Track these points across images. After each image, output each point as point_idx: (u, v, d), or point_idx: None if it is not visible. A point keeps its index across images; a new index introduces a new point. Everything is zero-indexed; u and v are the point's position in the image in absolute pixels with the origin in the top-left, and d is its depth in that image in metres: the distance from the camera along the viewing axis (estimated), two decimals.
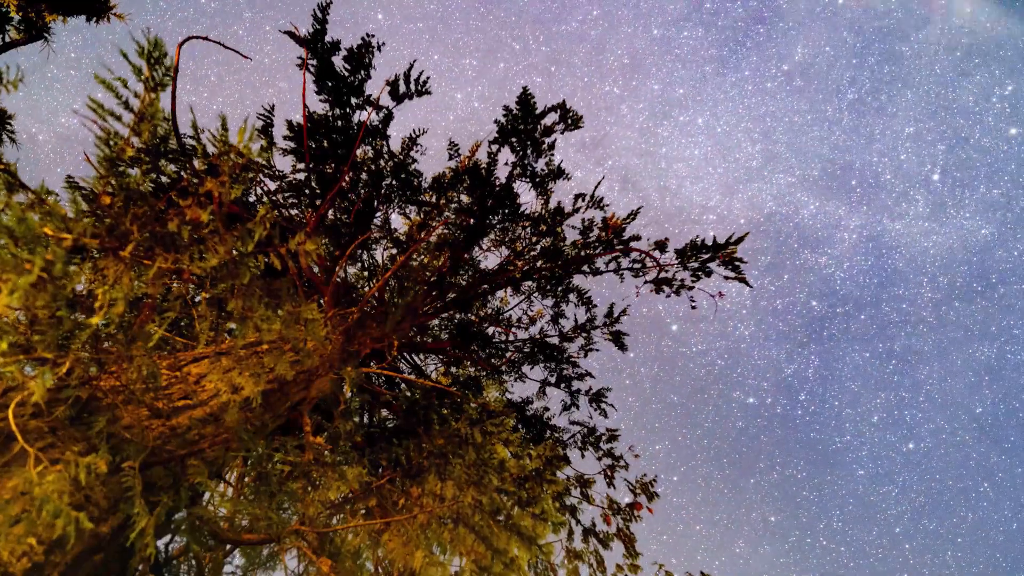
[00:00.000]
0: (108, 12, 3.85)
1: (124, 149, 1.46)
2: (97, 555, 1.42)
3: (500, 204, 5.01)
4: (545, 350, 5.68)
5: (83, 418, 1.57)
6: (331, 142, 4.39)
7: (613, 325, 5.55)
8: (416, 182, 4.95)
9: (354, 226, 4.85)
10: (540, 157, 4.86)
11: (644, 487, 4.76)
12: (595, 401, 5.66)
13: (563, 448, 5.31)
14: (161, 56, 1.46)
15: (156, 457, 1.69)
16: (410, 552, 2.98)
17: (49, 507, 1.22)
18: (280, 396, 2.56)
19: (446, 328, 5.89)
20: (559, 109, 4.61)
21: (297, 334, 2.04)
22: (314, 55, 4.01)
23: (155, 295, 1.62)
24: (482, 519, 3.28)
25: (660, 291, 4.92)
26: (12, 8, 3.48)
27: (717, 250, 4.43)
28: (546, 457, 3.98)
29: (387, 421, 4.84)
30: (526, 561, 3.36)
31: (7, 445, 1.33)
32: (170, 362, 2.16)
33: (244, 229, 1.44)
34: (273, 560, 4.16)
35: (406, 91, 4.32)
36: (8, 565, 1.18)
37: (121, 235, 1.37)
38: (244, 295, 1.62)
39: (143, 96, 1.47)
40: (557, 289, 5.55)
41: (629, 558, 4.29)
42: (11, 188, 1.36)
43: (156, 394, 1.85)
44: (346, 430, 3.17)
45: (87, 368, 1.70)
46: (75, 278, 1.30)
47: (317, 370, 2.93)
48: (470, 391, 5.47)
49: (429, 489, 3.36)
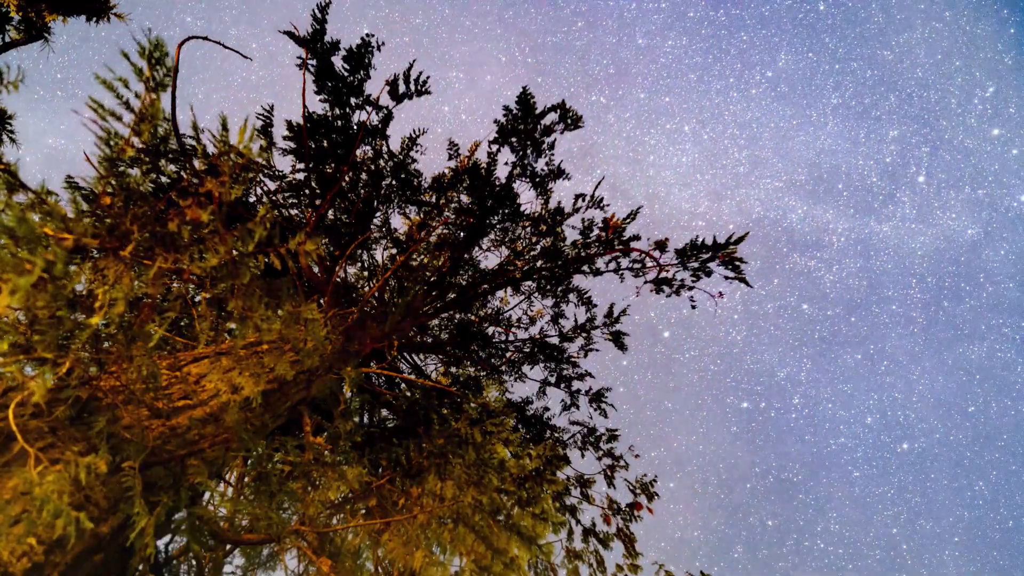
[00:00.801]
0: (108, 12, 3.85)
1: (124, 149, 1.46)
2: (97, 555, 1.42)
3: (500, 204, 5.00)
4: (545, 350, 5.68)
5: (83, 418, 1.57)
6: (331, 142, 4.39)
7: (613, 325, 5.55)
8: (416, 182, 4.95)
9: (354, 226, 4.85)
10: (540, 157, 4.86)
11: (644, 487, 4.76)
12: (595, 401, 5.66)
13: (563, 448, 5.31)
14: (162, 56, 1.46)
15: (156, 457, 1.69)
16: (410, 552, 2.98)
17: (49, 507, 1.22)
18: (280, 396, 2.56)
19: (446, 328, 5.89)
20: (559, 109, 4.61)
21: (297, 334, 2.04)
22: (314, 55, 4.01)
23: (155, 295, 1.62)
24: (482, 519, 3.28)
25: (660, 291, 4.92)
26: (12, 8, 3.48)
27: (717, 250, 4.43)
28: (546, 457, 3.98)
29: (387, 421, 4.84)
30: (526, 561, 3.36)
31: (7, 445, 1.33)
32: (170, 362, 2.16)
33: (244, 229, 1.44)
34: (273, 560, 4.16)
35: (406, 91, 4.32)
36: (8, 565, 1.18)
37: (121, 235, 1.37)
38: (244, 295, 1.62)
39: (143, 96, 1.47)
40: (557, 289, 5.55)
41: (629, 558, 4.29)
42: (11, 188, 1.36)
43: (156, 394, 1.85)
44: (346, 430, 3.17)
45: (87, 368, 1.70)
46: (75, 278, 1.30)
47: (317, 370, 2.93)
48: (470, 391, 5.47)
49: (429, 489, 3.36)
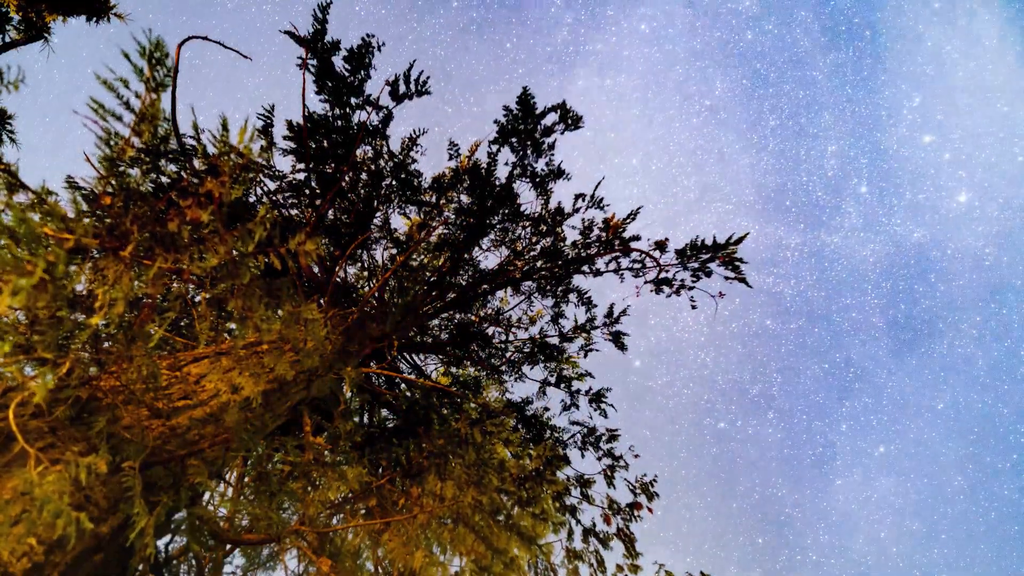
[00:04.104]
0: (108, 12, 3.84)
1: (124, 149, 1.46)
2: (97, 555, 1.42)
3: (500, 204, 5.01)
4: (545, 350, 5.68)
5: (83, 418, 1.57)
6: (331, 142, 4.39)
7: (613, 325, 5.55)
8: (416, 182, 4.95)
9: (354, 226, 4.85)
10: (540, 157, 4.86)
11: (644, 487, 4.76)
12: (595, 401, 5.66)
13: (563, 448, 5.31)
14: (162, 56, 1.46)
15: (156, 457, 1.69)
16: (410, 552, 2.98)
17: (49, 507, 1.22)
18: (280, 396, 2.56)
19: (446, 328, 5.89)
20: (559, 109, 4.61)
21: (297, 334, 2.04)
22: (314, 55, 4.01)
23: (155, 295, 1.62)
24: (482, 519, 3.28)
25: (660, 291, 4.92)
26: (12, 8, 3.48)
27: (717, 250, 4.43)
28: (546, 457, 3.98)
29: (387, 421, 4.84)
30: (526, 561, 3.36)
31: (7, 445, 1.33)
32: (170, 362, 2.16)
33: (244, 229, 1.44)
34: (273, 560, 4.16)
35: (406, 91, 4.31)
36: (8, 565, 1.18)
37: (121, 235, 1.37)
38: (244, 295, 1.62)
39: (144, 96, 1.47)
40: (557, 289, 5.55)
41: (629, 558, 4.29)
42: (12, 188, 1.36)
43: (156, 394, 1.85)
44: (346, 430, 3.17)
45: (87, 368, 1.70)
46: (75, 278, 1.30)
47: (317, 370, 2.93)
48: (470, 391, 5.47)
49: (429, 489, 3.36)
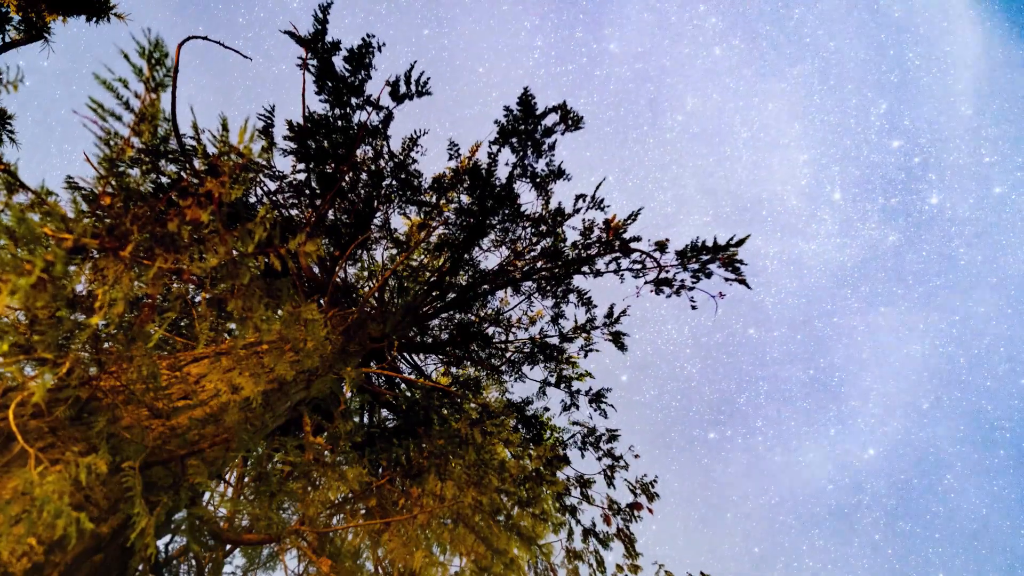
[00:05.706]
0: (108, 12, 3.84)
1: (124, 149, 1.46)
2: (97, 555, 1.42)
3: (500, 204, 5.00)
4: (545, 350, 5.68)
5: (83, 418, 1.57)
6: (331, 142, 4.39)
7: (613, 325, 5.55)
8: (416, 182, 4.95)
9: (354, 226, 4.85)
10: (540, 158, 4.86)
11: (644, 487, 4.76)
12: (595, 401, 5.66)
13: (563, 448, 5.30)
14: (162, 56, 1.46)
15: (156, 457, 1.69)
16: (410, 552, 2.98)
17: (49, 507, 1.22)
18: (280, 396, 2.56)
19: (446, 328, 5.89)
20: (559, 110, 4.61)
21: (297, 334, 2.04)
22: (314, 55, 4.01)
23: (155, 295, 1.62)
24: (482, 519, 3.28)
25: (660, 291, 4.92)
26: (12, 8, 3.48)
27: (717, 252, 4.43)
28: (546, 457, 3.98)
29: (387, 421, 4.84)
30: (526, 561, 3.36)
31: (7, 445, 1.33)
32: (170, 362, 2.16)
33: (244, 229, 1.44)
34: (273, 560, 4.16)
35: (406, 91, 4.31)
36: (8, 565, 1.18)
37: (121, 235, 1.37)
38: (244, 295, 1.62)
39: (143, 96, 1.47)
40: (557, 290, 5.55)
41: (629, 558, 4.28)
42: (11, 188, 1.36)
43: (156, 394, 1.85)
44: (346, 430, 3.17)
45: (87, 368, 1.70)
46: (75, 278, 1.30)
47: (317, 370, 2.93)
48: (470, 391, 5.47)
49: (429, 489, 3.36)
